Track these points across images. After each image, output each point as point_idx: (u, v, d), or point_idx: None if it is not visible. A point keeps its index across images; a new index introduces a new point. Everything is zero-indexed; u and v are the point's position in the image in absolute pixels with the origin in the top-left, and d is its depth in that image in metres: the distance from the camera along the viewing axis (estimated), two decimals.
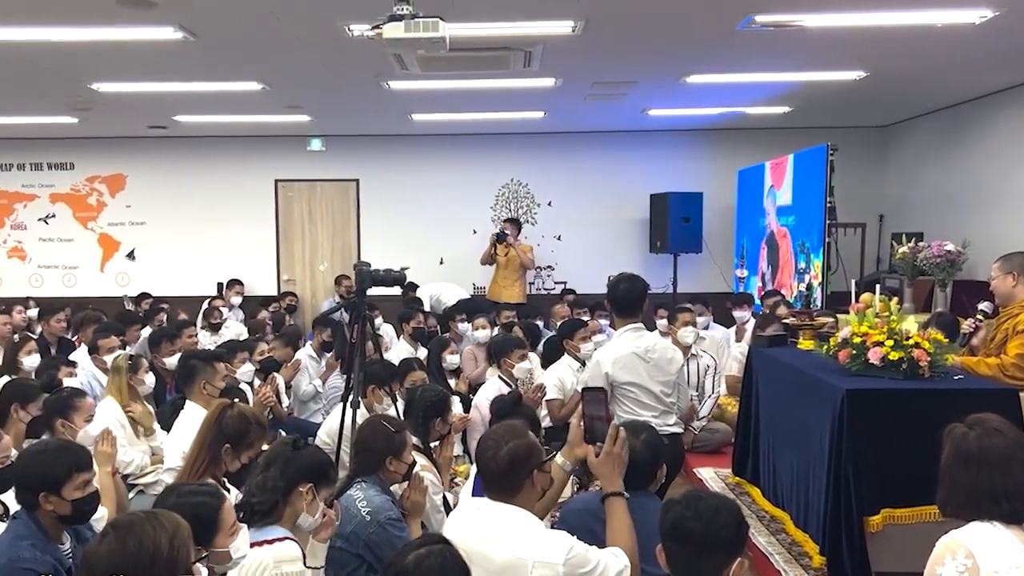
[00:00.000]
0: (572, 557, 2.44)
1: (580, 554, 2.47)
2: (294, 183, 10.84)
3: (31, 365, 5.72)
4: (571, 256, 10.72)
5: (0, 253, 10.95)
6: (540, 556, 2.44)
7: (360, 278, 4.63)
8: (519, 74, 6.91)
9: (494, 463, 2.61)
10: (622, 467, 2.78)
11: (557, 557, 2.43)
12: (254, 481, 2.88)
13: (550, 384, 5.67)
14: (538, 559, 2.44)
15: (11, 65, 6.49)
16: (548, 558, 2.43)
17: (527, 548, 2.47)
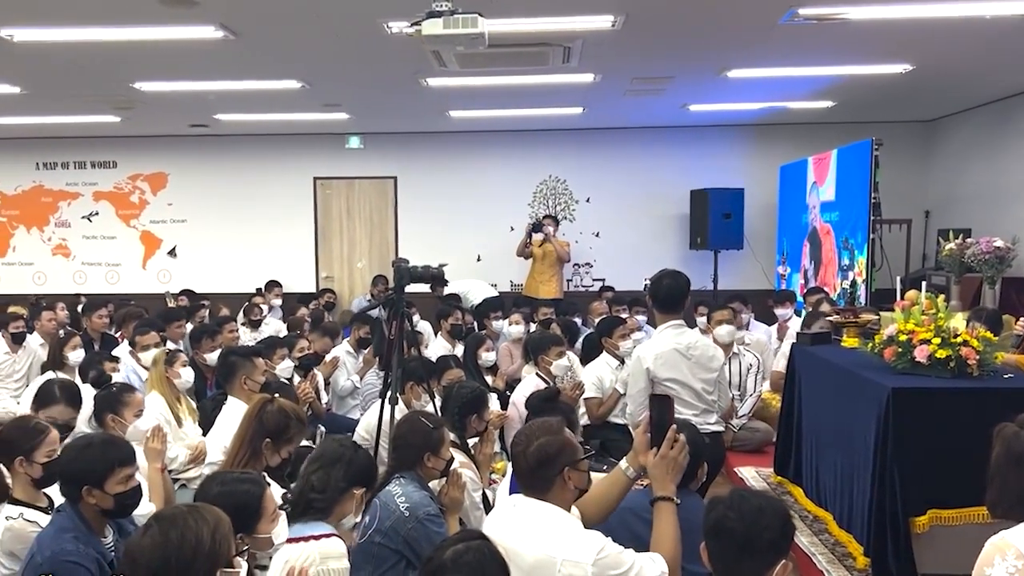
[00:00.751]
0: (603, 558, 2.41)
1: (612, 555, 2.44)
2: (332, 181, 10.93)
3: (76, 360, 5.85)
4: (609, 253, 10.70)
5: (45, 250, 11.18)
6: (569, 555, 2.42)
7: (399, 275, 4.67)
8: (558, 70, 6.90)
9: (524, 459, 2.62)
10: (678, 473, 2.75)
11: (586, 556, 2.41)
12: (314, 476, 2.92)
13: (588, 382, 5.67)
14: (567, 557, 2.42)
15: (57, 65, 6.62)
16: (577, 557, 2.41)
17: (556, 546, 2.45)
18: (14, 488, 3.25)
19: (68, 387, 4.44)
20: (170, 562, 2.01)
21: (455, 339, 7.03)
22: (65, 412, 4.18)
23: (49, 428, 3.44)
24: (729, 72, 7.22)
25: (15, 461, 3.24)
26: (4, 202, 11.13)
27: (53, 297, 9.49)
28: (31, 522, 3.11)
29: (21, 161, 11.01)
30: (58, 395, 4.28)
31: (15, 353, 6.87)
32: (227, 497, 2.59)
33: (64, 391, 4.33)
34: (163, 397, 4.99)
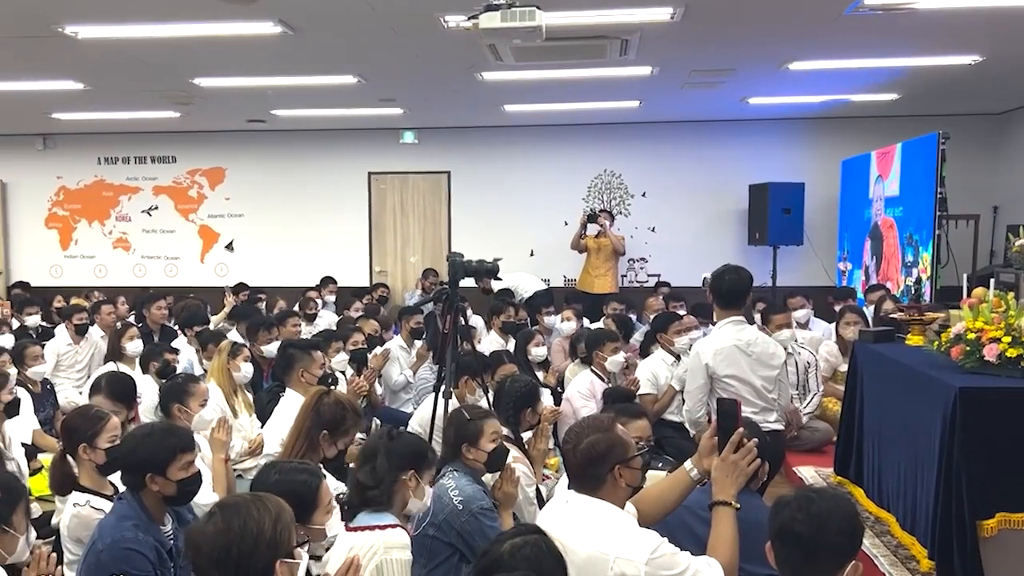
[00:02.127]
0: (657, 557, 2.39)
1: (667, 555, 2.41)
2: (387, 176, 11.04)
3: (134, 351, 6.01)
4: (665, 248, 10.62)
5: (106, 244, 11.49)
6: (622, 552, 2.40)
7: (453, 269, 4.70)
8: (615, 63, 6.87)
9: (573, 455, 2.62)
10: (741, 478, 2.71)
11: (640, 555, 2.39)
12: (360, 474, 2.96)
13: (643, 378, 5.65)
14: (620, 555, 2.40)
15: (119, 62, 6.79)
16: (631, 555, 2.39)
17: (610, 543, 2.43)
18: (80, 475, 3.35)
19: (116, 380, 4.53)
20: (232, 550, 2.05)
21: (508, 334, 7.05)
22: (105, 403, 4.17)
23: (109, 415, 3.53)
24: (791, 65, 7.12)
25: (79, 448, 3.34)
26: (67, 196, 11.46)
27: (114, 290, 9.76)
28: (97, 509, 3.20)
29: (83, 156, 11.33)
30: (103, 386, 4.38)
31: (77, 344, 7.07)
32: (284, 486, 2.64)
33: (110, 383, 4.43)
34: (221, 388, 5.11)
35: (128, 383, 4.58)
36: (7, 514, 2.57)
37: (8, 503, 2.59)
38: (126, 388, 4.50)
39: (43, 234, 11.51)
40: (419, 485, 2.98)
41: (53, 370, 6.62)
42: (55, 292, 10.16)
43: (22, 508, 2.64)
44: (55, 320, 8.48)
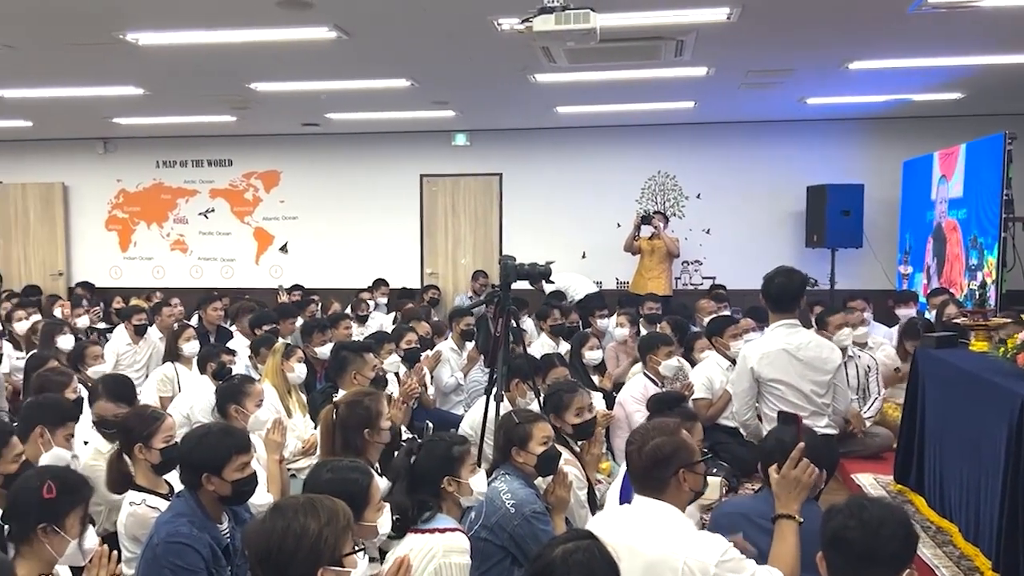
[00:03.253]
0: (726, 560, 2.41)
1: (735, 560, 2.43)
2: (438, 178, 11.12)
3: (190, 351, 6.14)
4: (720, 250, 10.53)
5: (164, 245, 11.76)
6: (692, 554, 2.41)
7: (505, 272, 4.71)
8: (670, 64, 6.85)
9: (638, 458, 2.64)
10: (803, 492, 2.73)
11: (710, 557, 2.40)
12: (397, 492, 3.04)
13: (698, 383, 5.61)
14: (690, 557, 2.41)
15: (177, 67, 6.96)
16: (701, 557, 2.40)
17: (679, 546, 2.45)
18: (136, 475, 3.45)
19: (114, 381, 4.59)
20: (272, 551, 2.08)
21: (559, 337, 7.06)
22: (108, 407, 4.28)
23: (165, 415, 3.63)
24: (851, 64, 7.01)
25: (134, 448, 3.44)
26: (126, 199, 11.76)
27: (171, 291, 9.98)
28: (153, 508, 3.28)
29: (142, 159, 11.62)
30: (101, 391, 4.41)
31: (136, 345, 7.25)
32: (336, 484, 2.68)
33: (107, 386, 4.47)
34: (275, 388, 5.21)
35: (127, 384, 4.60)
36: (62, 514, 2.61)
37: (66, 504, 2.63)
38: (126, 389, 4.52)
39: (103, 236, 11.83)
40: (461, 484, 3.03)
41: (112, 370, 6.79)
42: (115, 293, 10.47)
43: (79, 512, 2.67)
44: (114, 321, 8.71)
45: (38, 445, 3.62)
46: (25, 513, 2.59)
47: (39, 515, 2.58)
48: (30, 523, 2.57)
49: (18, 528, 2.59)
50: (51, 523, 2.58)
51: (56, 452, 3.74)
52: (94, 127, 10.52)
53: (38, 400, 4.24)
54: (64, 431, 3.82)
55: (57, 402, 4.07)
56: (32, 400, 4.28)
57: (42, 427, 3.71)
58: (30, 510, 2.58)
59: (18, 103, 8.55)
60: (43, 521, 2.58)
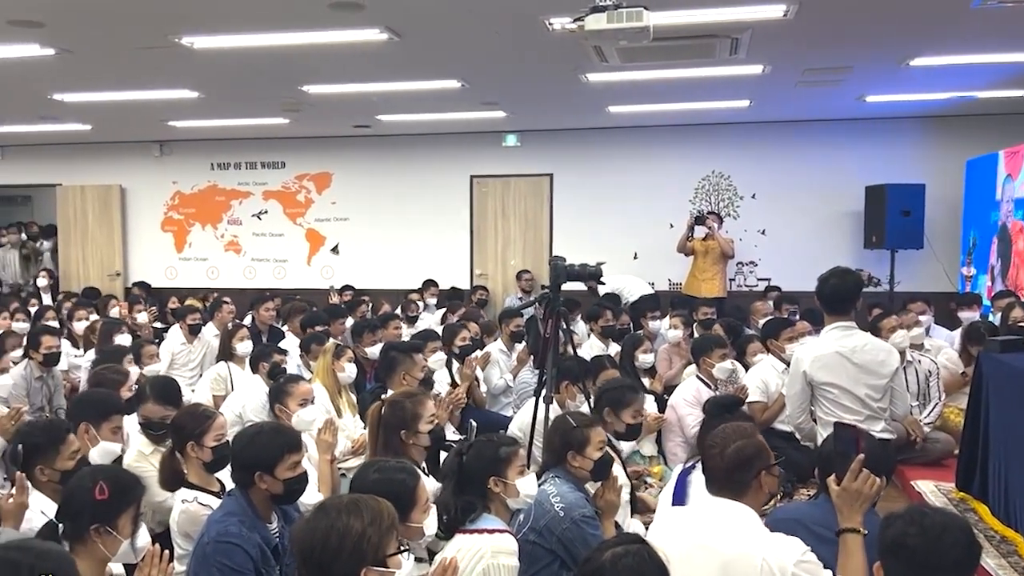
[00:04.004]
0: (805, 561, 2.42)
1: (812, 563, 2.44)
2: (488, 179, 11.15)
3: (244, 351, 6.23)
4: (776, 251, 10.39)
5: (218, 246, 11.98)
6: (772, 553, 2.42)
7: (555, 273, 4.71)
8: (724, 62, 6.78)
9: (720, 460, 2.66)
10: (865, 503, 2.72)
11: (790, 557, 2.41)
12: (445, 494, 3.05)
13: (753, 386, 5.55)
14: (769, 555, 2.41)
15: (231, 70, 7.08)
16: (780, 556, 2.41)
17: (758, 544, 2.46)
18: (188, 473, 3.51)
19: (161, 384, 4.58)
20: (315, 550, 2.10)
21: (608, 338, 7.03)
22: (155, 409, 4.28)
23: (217, 414, 3.69)
24: (912, 61, 6.87)
25: (187, 446, 3.50)
26: (182, 201, 12.00)
27: (225, 292, 10.16)
28: (204, 505, 3.34)
29: (197, 162, 11.85)
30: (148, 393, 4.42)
31: (191, 344, 7.38)
32: (383, 485, 2.69)
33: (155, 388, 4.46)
34: (326, 388, 5.27)
35: (174, 386, 4.60)
36: (113, 515, 2.66)
37: (119, 504, 2.68)
38: (173, 391, 4.51)
39: (159, 237, 12.09)
40: (508, 486, 3.03)
41: (167, 369, 6.94)
42: (170, 293, 10.69)
43: (131, 512, 2.71)
44: (169, 321, 8.89)
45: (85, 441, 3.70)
46: (79, 513, 2.64)
47: (92, 516, 2.63)
48: (84, 523, 2.62)
49: (72, 528, 2.64)
50: (104, 524, 2.63)
51: (103, 446, 3.84)
52: (151, 130, 10.76)
53: (81, 397, 4.36)
54: (109, 424, 3.91)
55: (99, 397, 4.15)
56: (76, 398, 4.40)
57: (86, 423, 3.80)
58: (83, 511, 2.63)
59: (77, 107, 8.78)
60: (96, 522, 2.63)
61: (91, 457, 3.70)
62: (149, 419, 4.27)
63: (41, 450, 3.29)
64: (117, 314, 8.47)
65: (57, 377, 6.06)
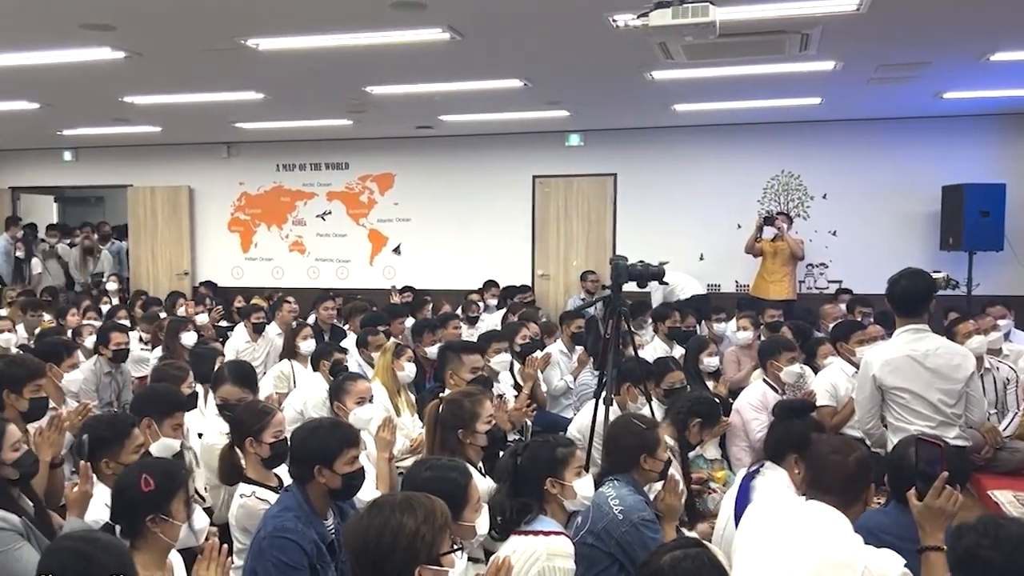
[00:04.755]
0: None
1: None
2: (551, 179, 11.14)
3: (307, 350, 6.35)
4: (847, 253, 10.17)
5: (283, 246, 12.20)
6: (874, 563, 2.45)
7: (616, 273, 4.68)
8: (794, 58, 6.66)
9: (844, 467, 2.74)
10: (948, 520, 2.68)
11: (893, 571, 2.44)
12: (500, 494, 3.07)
13: (822, 390, 5.43)
14: (871, 564, 2.44)
15: (296, 72, 7.19)
16: (883, 567, 2.44)
17: (861, 552, 2.49)
18: (247, 468, 3.59)
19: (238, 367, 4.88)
20: (369, 548, 2.11)
21: (673, 340, 6.96)
22: (232, 391, 4.55)
23: (275, 410, 3.76)
24: (993, 56, 6.65)
25: (246, 441, 3.58)
26: (248, 201, 12.26)
27: (289, 291, 10.33)
28: (262, 500, 3.41)
29: (263, 163, 12.09)
30: (226, 375, 4.69)
31: (255, 342, 7.53)
32: (435, 483, 2.71)
33: (233, 371, 4.75)
34: (385, 387, 5.32)
35: (250, 369, 4.89)
36: (164, 502, 2.72)
37: (166, 491, 2.73)
38: (249, 374, 4.81)
39: (226, 237, 12.36)
40: (565, 487, 3.01)
41: None
42: (236, 292, 10.91)
43: (181, 496, 2.77)
44: (235, 319, 9.08)
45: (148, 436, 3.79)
46: (131, 508, 2.71)
47: (145, 508, 2.69)
48: (138, 517, 2.69)
49: (128, 524, 2.71)
50: (158, 512, 2.70)
51: (164, 442, 3.93)
52: (218, 132, 11.02)
53: (144, 392, 4.49)
54: (171, 421, 4.00)
55: (163, 393, 4.24)
56: (139, 393, 4.53)
57: (148, 419, 3.89)
58: (135, 505, 2.70)
59: (147, 109, 9.02)
60: (150, 512, 2.69)
61: (152, 452, 3.79)
62: (226, 400, 4.44)
63: (106, 443, 3.39)
64: (184, 313, 8.67)
65: (126, 373, 6.23)
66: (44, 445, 3.61)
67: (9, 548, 2.89)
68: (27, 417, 4.05)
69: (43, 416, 4.13)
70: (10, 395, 4.05)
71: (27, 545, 2.94)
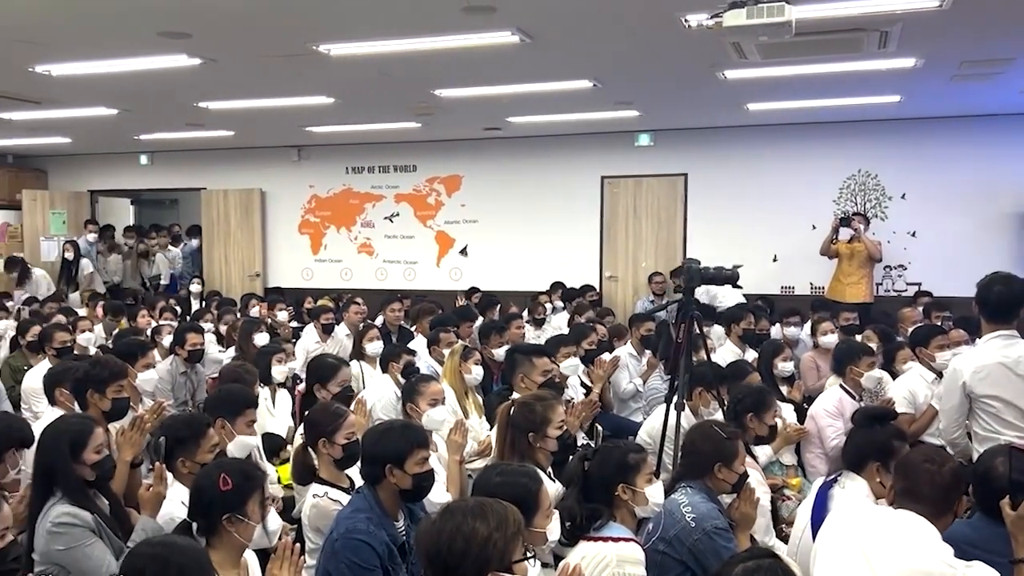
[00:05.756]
0: None
1: None
2: (620, 179, 11.10)
3: (374, 351, 6.44)
4: (927, 255, 9.92)
5: (351, 248, 12.39)
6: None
7: (689, 276, 4.64)
8: (873, 56, 6.53)
9: (939, 476, 2.71)
10: None
11: None
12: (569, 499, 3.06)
13: (900, 396, 5.31)
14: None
15: (365, 76, 7.32)
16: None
17: (955, 564, 2.47)
18: (320, 468, 3.66)
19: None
20: (441, 554, 2.14)
21: (746, 344, 6.88)
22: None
23: (347, 412, 3.84)
24: None
25: (319, 442, 3.65)
26: (318, 204, 12.49)
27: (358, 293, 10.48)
28: (334, 501, 3.47)
29: (333, 166, 12.31)
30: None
31: (324, 343, 7.66)
32: (506, 488, 2.73)
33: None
34: (453, 390, 5.37)
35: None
36: (240, 502, 2.79)
37: (244, 491, 2.81)
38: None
39: (296, 239, 12.61)
40: (636, 493, 3.01)
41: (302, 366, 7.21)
42: (306, 294, 11.13)
43: (257, 496, 2.84)
44: (305, 320, 9.26)
45: (222, 436, 3.90)
46: (208, 506, 2.78)
47: (222, 507, 2.77)
48: (215, 516, 2.76)
49: (205, 523, 2.79)
50: (234, 512, 2.77)
51: (240, 440, 4.06)
52: (289, 136, 11.26)
53: (215, 394, 4.63)
54: (244, 419, 4.13)
55: (232, 393, 4.38)
56: (210, 395, 4.67)
57: (222, 419, 4.02)
58: (212, 503, 2.77)
59: (221, 114, 9.28)
60: (226, 511, 2.76)
61: (229, 451, 3.91)
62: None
63: (183, 443, 3.51)
64: (257, 314, 8.87)
65: (200, 373, 6.41)
66: (125, 445, 3.73)
67: (80, 544, 3.02)
68: (109, 417, 4.20)
69: (125, 416, 4.28)
70: (94, 395, 4.21)
71: (99, 542, 3.07)
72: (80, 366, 4.47)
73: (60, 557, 3.02)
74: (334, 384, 4.85)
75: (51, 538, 3.02)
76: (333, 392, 4.76)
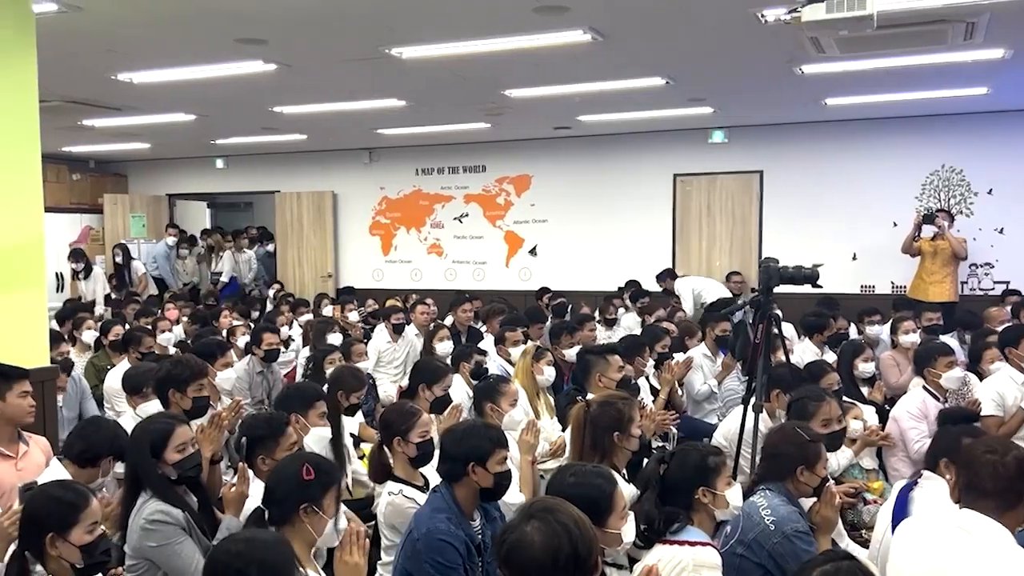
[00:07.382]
0: None
1: None
2: (693, 177, 11.03)
3: (444, 351, 6.56)
4: (1016, 252, 9.64)
5: (421, 249, 12.56)
6: None
7: (766, 275, 4.62)
8: (958, 47, 6.38)
9: (1001, 467, 2.59)
10: None
11: None
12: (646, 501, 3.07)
13: (988, 398, 5.19)
14: None
15: (436, 78, 7.43)
16: None
17: None
18: (395, 466, 3.75)
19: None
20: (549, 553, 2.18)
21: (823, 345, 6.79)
22: None
23: (421, 411, 3.93)
24: None
25: (393, 441, 3.74)
26: (388, 205, 12.69)
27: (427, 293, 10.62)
28: (409, 499, 3.56)
29: (403, 168, 12.49)
30: None
31: (395, 343, 7.78)
32: (580, 489, 2.76)
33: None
34: (524, 390, 5.41)
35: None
36: (319, 496, 2.85)
37: (322, 485, 2.87)
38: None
39: (367, 240, 12.83)
40: (716, 497, 3.01)
41: (374, 366, 7.36)
42: (376, 295, 11.31)
43: (333, 492, 2.91)
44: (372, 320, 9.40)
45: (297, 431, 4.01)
46: (286, 495, 2.85)
47: (300, 496, 2.83)
48: (292, 505, 2.83)
49: (279, 512, 2.85)
50: (312, 503, 2.84)
51: (315, 432, 4.20)
52: (360, 138, 11.46)
53: (284, 392, 4.83)
54: (315, 411, 4.28)
55: (301, 388, 4.59)
56: (280, 394, 4.84)
57: (294, 415, 4.14)
58: (291, 492, 2.84)
59: (294, 118, 9.49)
60: (304, 501, 2.83)
61: (306, 443, 4.03)
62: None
63: (263, 441, 3.62)
64: (329, 314, 9.05)
65: (276, 372, 6.59)
66: (204, 442, 3.85)
67: (171, 542, 3.13)
68: (190, 415, 4.34)
69: (205, 414, 4.43)
70: (175, 394, 4.38)
71: (188, 540, 3.17)
72: (162, 366, 4.66)
73: (152, 553, 3.13)
74: (439, 387, 4.94)
75: (144, 535, 3.13)
76: (437, 395, 4.88)
